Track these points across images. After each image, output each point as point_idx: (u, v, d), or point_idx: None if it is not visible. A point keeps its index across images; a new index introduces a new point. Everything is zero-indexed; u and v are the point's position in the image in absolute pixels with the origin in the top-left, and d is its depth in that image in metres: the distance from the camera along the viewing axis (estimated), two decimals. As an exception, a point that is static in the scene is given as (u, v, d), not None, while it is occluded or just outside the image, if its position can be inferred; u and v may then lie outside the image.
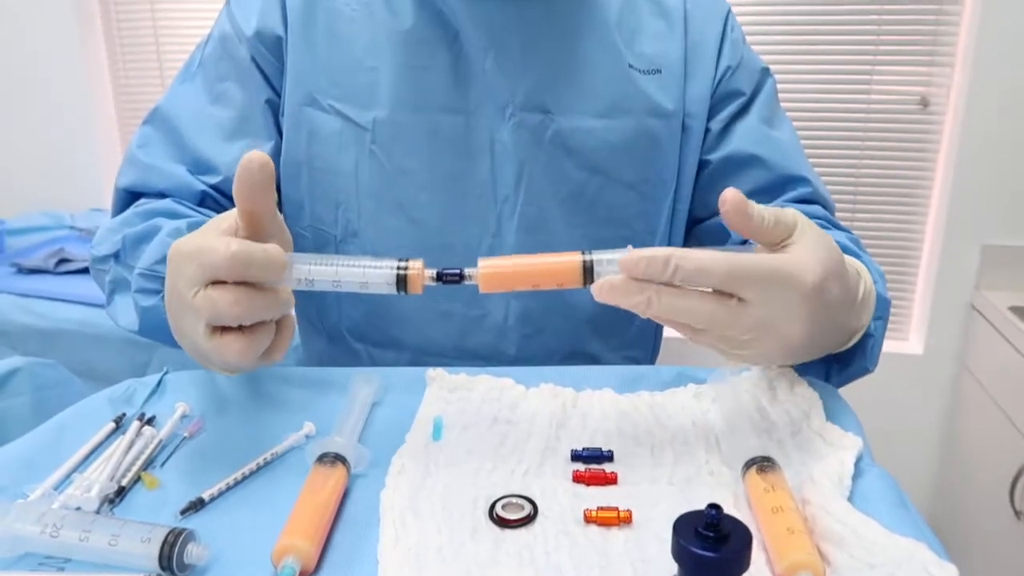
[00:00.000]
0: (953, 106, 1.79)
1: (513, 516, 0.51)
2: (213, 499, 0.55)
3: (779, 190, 0.83)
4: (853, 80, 1.83)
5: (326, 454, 0.55)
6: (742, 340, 0.54)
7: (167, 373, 0.71)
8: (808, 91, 1.85)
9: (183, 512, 0.53)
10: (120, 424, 0.64)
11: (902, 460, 1.95)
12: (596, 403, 0.66)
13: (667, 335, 0.91)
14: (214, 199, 0.82)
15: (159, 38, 2.14)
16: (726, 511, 0.42)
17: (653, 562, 0.48)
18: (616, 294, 0.53)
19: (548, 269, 0.54)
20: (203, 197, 0.81)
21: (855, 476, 0.53)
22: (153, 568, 0.46)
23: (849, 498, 0.51)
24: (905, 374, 1.90)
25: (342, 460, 0.55)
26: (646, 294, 0.52)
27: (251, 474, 0.58)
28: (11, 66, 2.15)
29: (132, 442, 0.60)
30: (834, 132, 1.86)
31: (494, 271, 0.54)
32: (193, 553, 0.47)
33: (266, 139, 0.83)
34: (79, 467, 0.59)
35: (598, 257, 0.54)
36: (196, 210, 0.79)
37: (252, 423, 0.64)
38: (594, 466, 0.57)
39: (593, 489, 0.55)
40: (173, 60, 2.15)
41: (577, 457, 0.58)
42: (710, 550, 0.41)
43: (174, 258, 0.54)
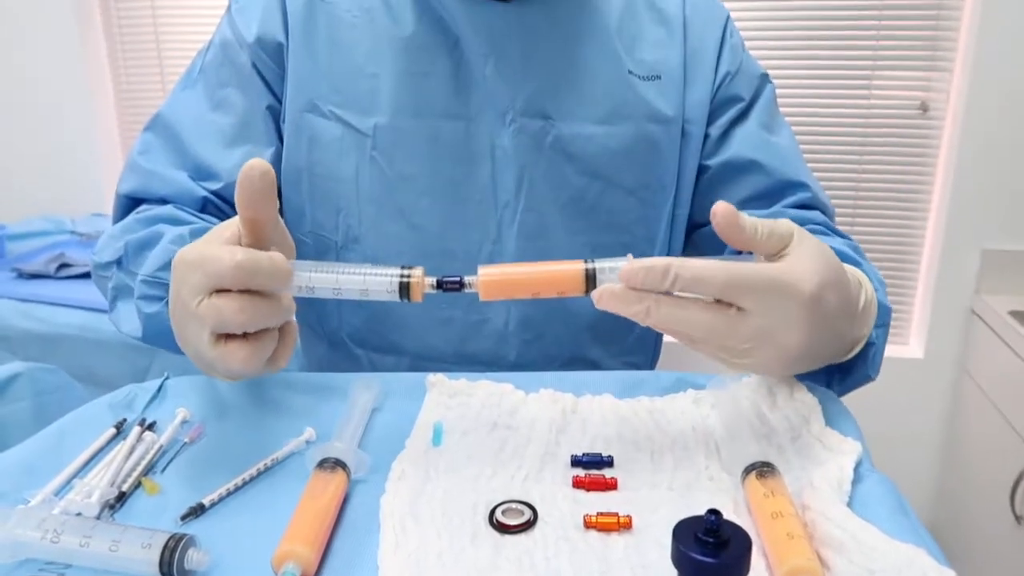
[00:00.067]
0: (953, 110, 1.79)
1: (513, 521, 0.51)
2: (213, 504, 0.55)
3: (778, 195, 0.83)
4: (853, 85, 1.83)
5: (326, 459, 0.55)
6: (741, 349, 0.54)
7: (168, 378, 0.71)
8: (808, 96, 1.85)
9: (183, 518, 0.53)
10: (121, 429, 0.64)
11: (903, 465, 1.95)
12: (596, 408, 0.66)
13: (667, 341, 0.91)
14: (215, 205, 0.82)
15: (160, 43, 2.15)
16: (726, 516, 0.42)
17: (653, 567, 0.48)
18: (616, 302, 0.53)
19: (549, 277, 0.55)
20: (204, 203, 0.81)
21: (855, 481, 0.53)
22: (154, 573, 0.46)
23: (849, 503, 0.51)
24: (905, 378, 1.90)
25: (342, 466, 0.55)
26: (645, 303, 0.53)
27: (251, 480, 0.58)
28: (12, 70, 2.16)
29: (133, 447, 0.60)
30: (834, 137, 1.87)
31: (494, 279, 0.54)
32: (193, 559, 0.47)
33: (267, 145, 0.83)
34: (80, 472, 0.59)
35: (600, 265, 0.54)
36: (198, 216, 0.80)
37: (252, 428, 0.64)
38: (594, 471, 0.57)
39: (593, 494, 0.55)
40: (174, 65, 2.16)
41: (577, 462, 0.58)
42: (710, 555, 0.41)
43: (178, 266, 0.54)
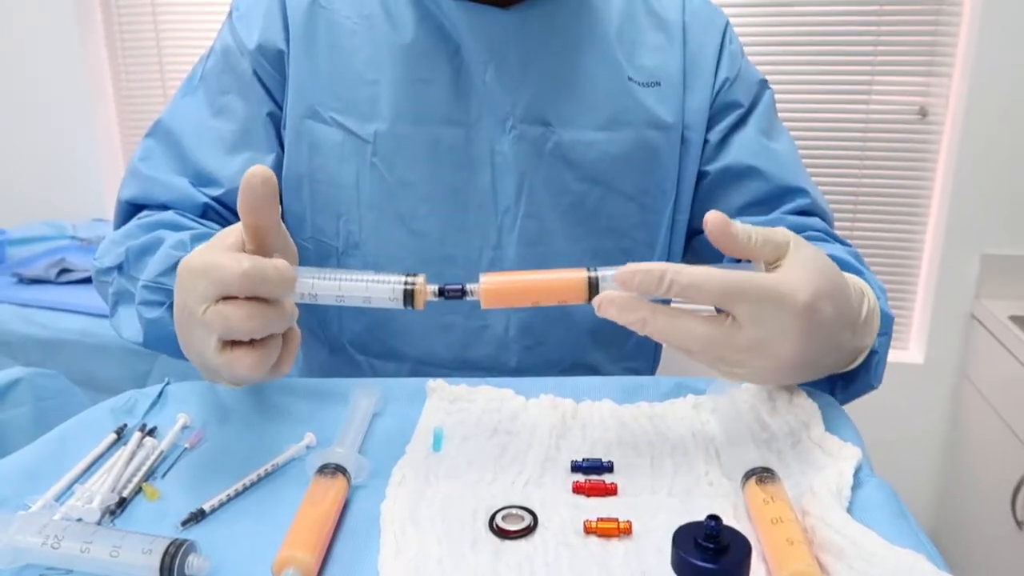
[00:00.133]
0: (952, 115, 1.80)
1: (513, 527, 0.52)
2: (214, 510, 0.55)
3: (777, 201, 0.83)
4: (852, 90, 1.83)
5: (327, 465, 0.55)
6: (737, 359, 0.54)
7: (168, 384, 0.71)
8: (807, 102, 1.86)
9: (184, 523, 0.53)
10: (121, 435, 0.64)
11: (903, 470, 1.95)
12: (596, 414, 0.66)
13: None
14: (216, 211, 0.82)
15: (161, 48, 2.15)
16: (726, 522, 0.42)
17: (653, 573, 0.48)
18: (615, 310, 0.53)
19: (551, 285, 0.55)
20: (205, 209, 0.81)
21: (854, 487, 0.53)
22: (154, 579, 0.46)
23: (848, 509, 0.51)
24: (906, 383, 1.90)
25: (343, 471, 0.55)
26: (642, 313, 0.53)
27: (252, 485, 0.58)
28: (13, 76, 2.16)
29: (133, 453, 0.60)
30: (833, 142, 1.87)
31: (496, 287, 0.54)
32: (194, 564, 0.47)
33: (267, 152, 0.83)
34: (80, 478, 0.59)
35: (603, 273, 0.54)
36: (198, 222, 0.80)
37: (253, 434, 0.64)
38: (594, 477, 0.57)
39: (593, 500, 0.55)
40: (175, 70, 2.16)
41: (577, 468, 0.58)
42: (710, 561, 0.41)
43: (183, 274, 0.54)
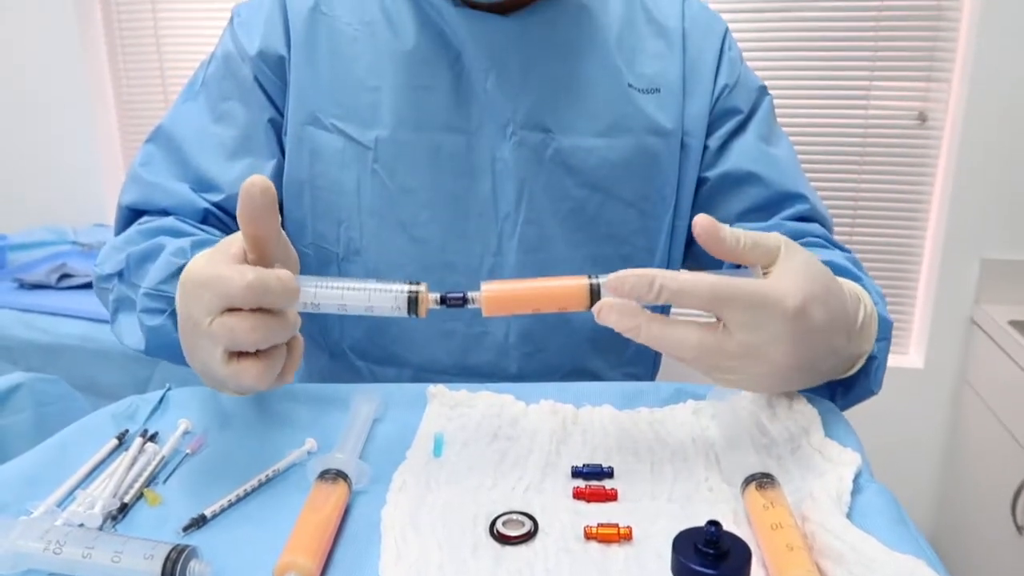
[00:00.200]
0: (951, 121, 1.80)
1: (514, 533, 0.52)
2: (215, 516, 0.55)
3: (776, 207, 0.84)
4: (851, 96, 1.84)
5: (328, 471, 0.56)
6: (730, 366, 0.55)
7: (170, 390, 0.71)
8: (806, 107, 1.86)
9: (185, 529, 0.53)
10: (123, 441, 0.64)
11: (903, 474, 1.95)
12: (596, 419, 0.66)
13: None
14: (216, 216, 0.82)
15: (162, 54, 2.16)
16: (725, 528, 0.42)
17: (653, 579, 0.48)
18: (613, 316, 0.54)
19: (552, 293, 0.55)
20: (206, 215, 0.81)
21: (854, 492, 0.54)
22: (156, 585, 0.47)
23: (848, 514, 0.52)
24: (906, 388, 1.90)
25: (343, 477, 0.55)
26: (637, 320, 0.54)
27: (253, 491, 0.58)
28: (14, 80, 2.17)
29: (135, 459, 0.61)
30: (833, 148, 1.87)
31: (497, 295, 0.55)
32: (195, 570, 0.47)
33: (268, 158, 0.83)
34: (82, 484, 0.59)
35: (604, 280, 0.55)
36: (199, 227, 0.80)
37: (254, 439, 0.64)
38: (594, 483, 0.58)
39: (593, 505, 0.55)
40: (176, 76, 2.17)
41: (577, 474, 0.59)
42: (710, 567, 0.41)
43: (187, 286, 0.54)
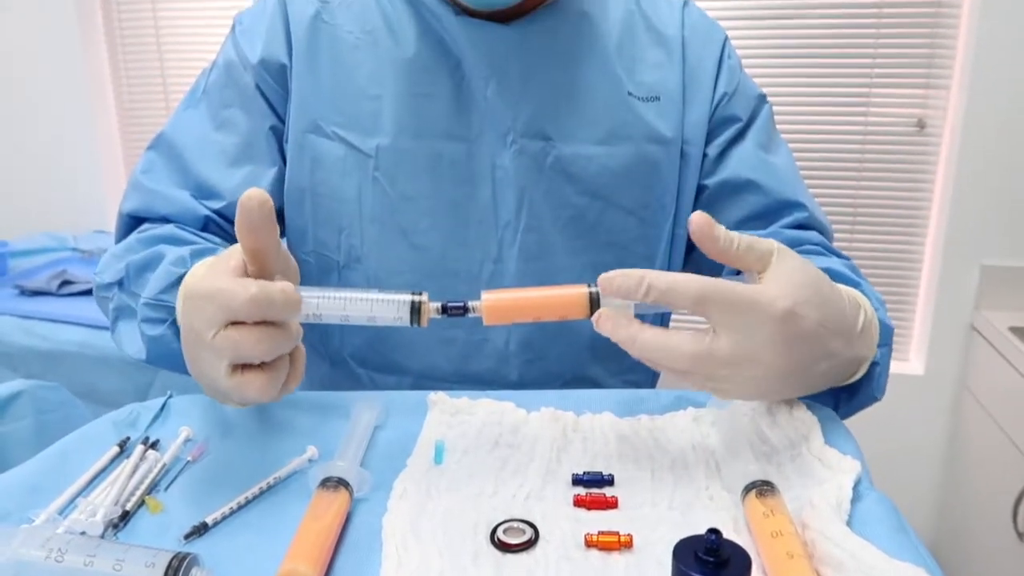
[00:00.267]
0: (950, 127, 1.80)
1: (514, 540, 0.52)
2: (216, 523, 0.55)
3: (775, 215, 0.84)
4: (850, 103, 1.84)
5: (329, 479, 0.56)
6: (723, 374, 0.55)
7: (171, 397, 0.71)
8: (805, 115, 1.87)
9: (187, 536, 0.53)
10: (124, 448, 0.64)
11: (904, 481, 1.95)
12: (596, 427, 0.66)
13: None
14: (217, 224, 0.82)
15: (163, 61, 2.17)
16: (726, 535, 0.43)
17: (653, 587, 0.48)
18: (608, 326, 0.55)
19: (552, 302, 0.55)
20: (206, 222, 0.82)
21: (854, 500, 0.54)
22: (157, 593, 0.47)
23: (848, 522, 0.52)
24: (906, 395, 1.91)
25: (345, 484, 0.55)
26: (631, 330, 0.54)
27: (254, 498, 0.58)
28: (14, 87, 2.17)
29: (136, 466, 0.61)
30: (832, 155, 1.88)
31: (497, 304, 0.55)
32: (197, 578, 0.47)
33: (269, 165, 0.84)
34: (84, 491, 0.59)
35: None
36: (199, 235, 0.80)
37: (255, 447, 0.65)
38: (595, 490, 0.58)
39: (594, 513, 0.55)
40: (177, 83, 2.17)
41: (578, 481, 0.59)
42: (710, 575, 0.41)
43: (190, 298, 0.55)
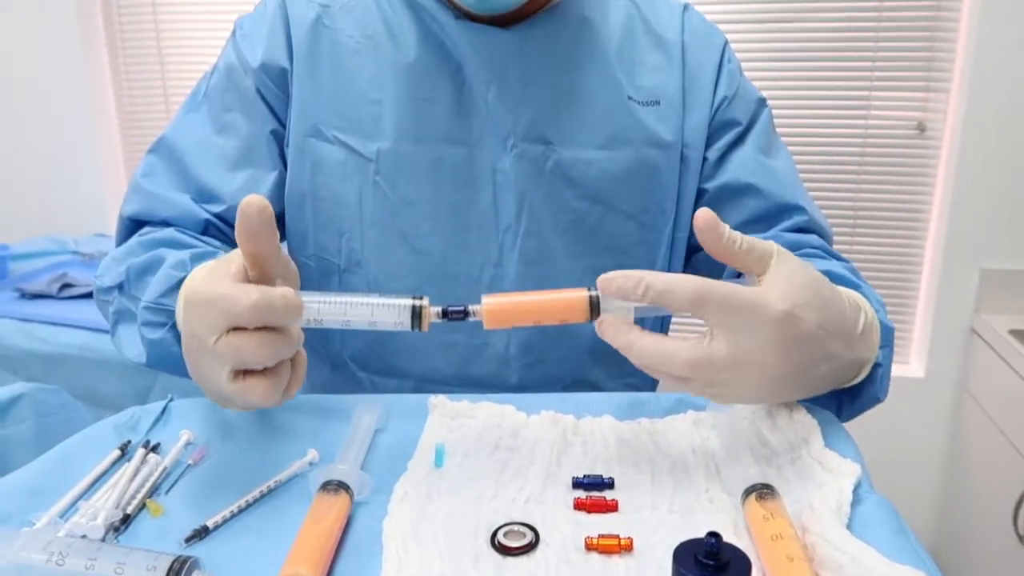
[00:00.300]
0: (950, 130, 1.81)
1: (515, 544, 0.52)
2: (217, 527, 0.55)
3: (775, 219, 0.84)
4: (850, 106, 1.85)
5: (329, 482, 0.56)
6: (722, 378, 0.55)
7: (172, 400, 0.71)
8: (806, 118, 1.87)
9: (187, 540, 0.53)
10: (125, 451, 0.64)
11: (904, 484, 1.95)
12: (596, 430, 0.66)
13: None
14: (217, 228, 0.82)
15: (164, 63, 2.17)
16: (726, 539, 0.43)
17: (654, 590, 0.48)
18: (608, 332, 0.56)
19: (552, 306, 0.55)
20: (207, 226, 0.82)
21: (854, 503, 0.54)
22: (158, 596, 0.47)
23: (848, 525, 0.52)
24: (906, 397, 1.91)
25: (345, 488, 0.56)
26: (630, 337, 0.55)
27: (255, 502, 0.58)
28: (15, 89, 2.18)
29: (137, 470, 0.61)
30: (832, 158, 1.88)
31: (498, 308, 0.55)
32: (198, 581, 0.47)
33: (270, 169, 0.84)
34: (85, 495, 0.59)
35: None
36: (199, 239, 0.80)
37: (256, 450, 0.65)
38: (595, 493, 0.58)
39: (594, 516, 0.56)
40: (178, 86, 2.18)
41: (578, 484, 0.59)
42: (710, 578, 0.41)
43: (191, 304, 0.55)
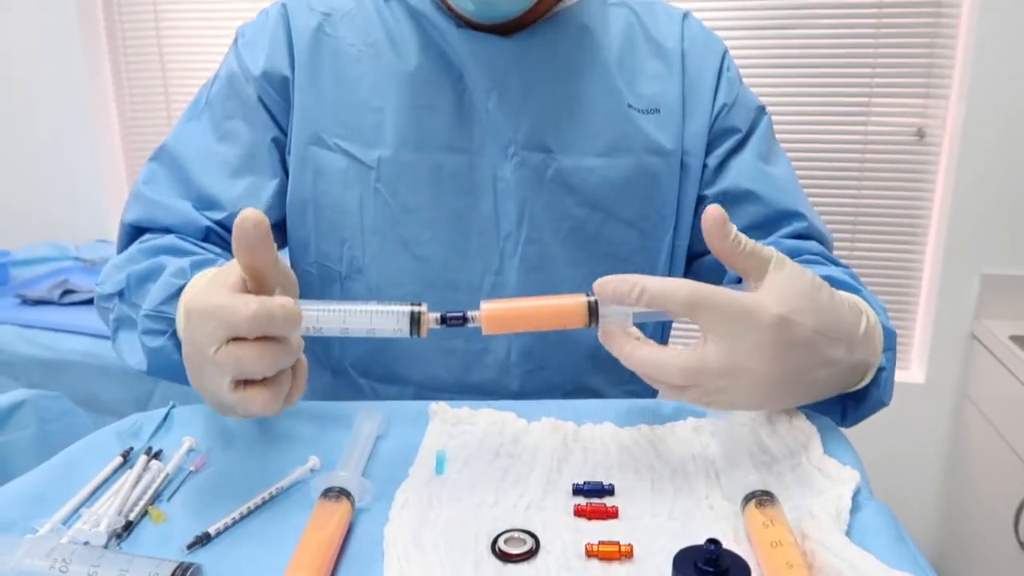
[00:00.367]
0: (949, 136, 1.81)
1: (515, 550, 0.52)
2: (219, 533, 0.55)
3: (774, 225, 0.84)
4: (850, 113, 1.85)
5: (331, 488, 0.56)
6: (718, 386, 0.56)
7: (174, 407, 0.71)
8: (806, 124, 1.87)
9: (190, 547, 0.54)
10: (128, 458, 0.64)
11: (905, 490, 1.94)
12: (597, 437, 0.66)
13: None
14: (218, 235, 0.83)
15: (166, 71, 2.18)
16: (726, 545, 0.43)
17: (654, 597, 0.48)
18: (608, 341, 0.57)
19: (550, 311, 0.56)
20: (207, 233, 0.82)
21: (853, 510, 0.54)
22: (161, 603, 0.47)
23: (847, 532, 0.52)
24: (907, 403, 1.90)
25: (346, 494, 0.56)
26: (629, 346, 0.56)
27: (256, 508, 0.58)
28: (17, 97, 2.18)
29: (139, 476, 0.61)
30: (832, 164, 1.89)
31: (496, 313, 0.55)
32: (200, 588, 0.48)
33: (271, 176, 0.84)
34: (87, 501, 0.59)
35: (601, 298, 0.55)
36: (200, 246, 0.81)
37: (257, 457, 0.65)
38: (595, 500, 0.58)
39: (594, 523, 0.56)
40: (179, 93, 2.18)
41: (578, 491, 0.59)
42: (709, 585, 0.41)
43: (191, 314, 0.55)
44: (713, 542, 0.42)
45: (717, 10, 1.85)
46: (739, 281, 0.61)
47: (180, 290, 0.67)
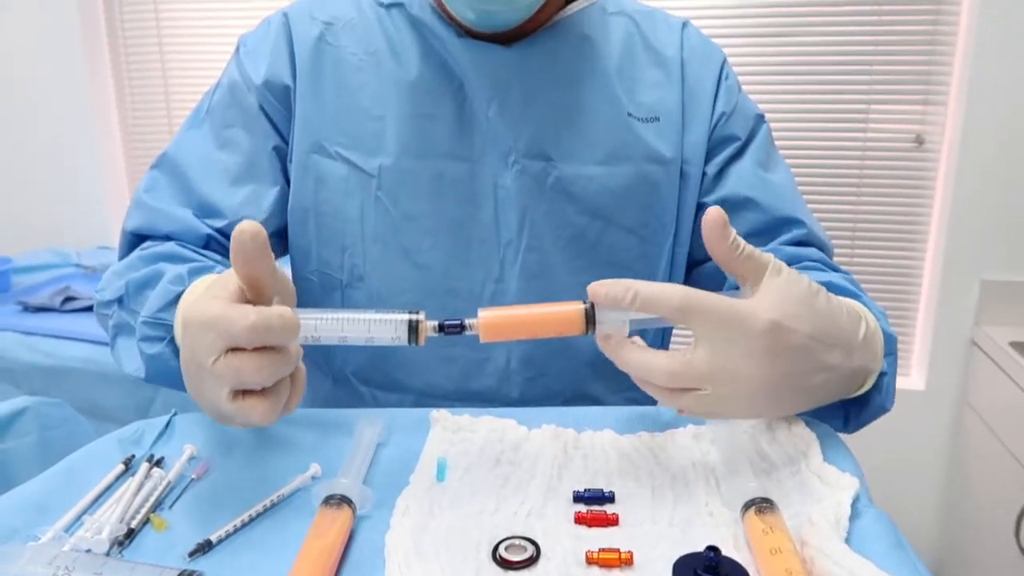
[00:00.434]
0: (948, 143, 1.82)
1: (516, 558, 0.52)
2: (221, 541, 0.55)
3: (774, 232, 0.84)
4: (849, 120, 1.86)
5: (332, 496, 0.56)
6: (713, 392, 0.56)
7: (175, 415, 0.72)
8: (805, 131, 1.88)
9: (191, 554, 0.54)
10: (129, 466, 0.64)
11: (905, 496, 1.94)
12: (597, 444, 0.66)
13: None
14: (219, 242, 0.83)
15: (167, 79, 2.18)
16: (726, 552, 0.43)
17: (654, 604, 0.48)
18: (604, 345, 0.58)
19: (547, 319, 0.56)
20: (208, 240, 0.82)
21: (853, 517, 0.54)
22: (163, 611, 0.47)
23: (847, 539, 0.52)
24: (907, 410, 1.90)
25: (348, 502, 0.56)
26: (621, 351, 0.57)
27: (258, 516, 0.58)
28: (19, 104, 2.19)
29: (141, 484, 0.61)
30: (831, 171, 1.89)
31: (494, 321, 0.56)
32: (202, 596, 0.48)
33: (272, 184, 0.85)
34: (89, 509, 0.59)
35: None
36: (201, 253, 0.81)
37: (259, 465, 0.65)
38: (595, 507, 0.58)
39: (595, 530, 0.56)
40: (180, 101, 2.19)
41: (579, 498, 0.59)
42: (709, 593, 0.41)
43: (189, 325, 0.55)
44: (713, 549, 0.42)
45: (716, 18, 1.86)
46: (738, 289, 0.61)
47: (178, 297, 0.67)
